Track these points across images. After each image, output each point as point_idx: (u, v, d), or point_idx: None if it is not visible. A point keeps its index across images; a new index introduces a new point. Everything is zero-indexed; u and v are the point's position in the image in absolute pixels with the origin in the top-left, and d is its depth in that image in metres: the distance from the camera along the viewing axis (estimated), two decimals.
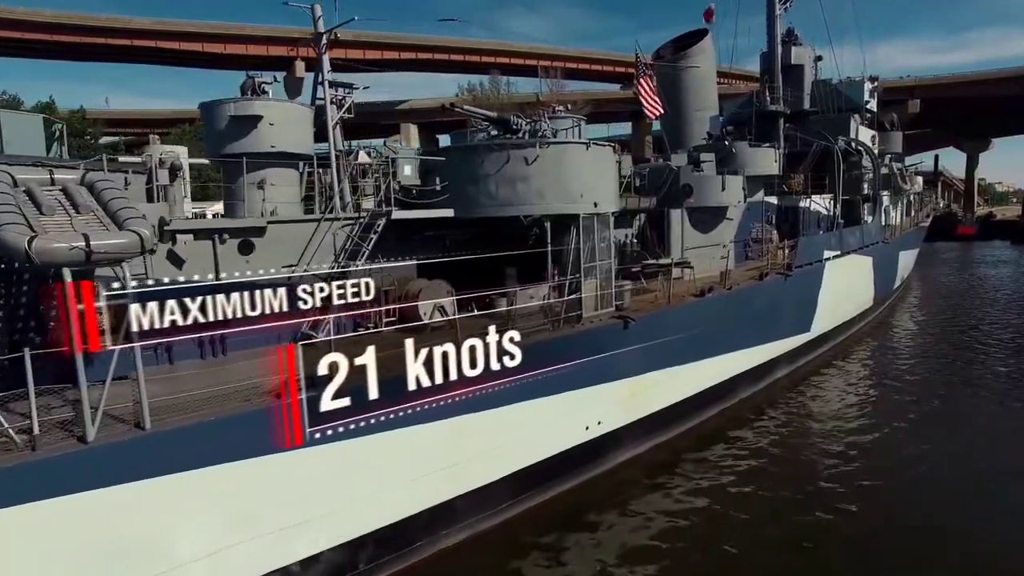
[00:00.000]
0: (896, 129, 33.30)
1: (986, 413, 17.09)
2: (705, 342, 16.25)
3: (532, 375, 11.54)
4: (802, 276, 21.03)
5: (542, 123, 13.89)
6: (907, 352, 24.19)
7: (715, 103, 25.11)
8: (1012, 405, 17.57)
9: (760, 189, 22.55)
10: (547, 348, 11.97)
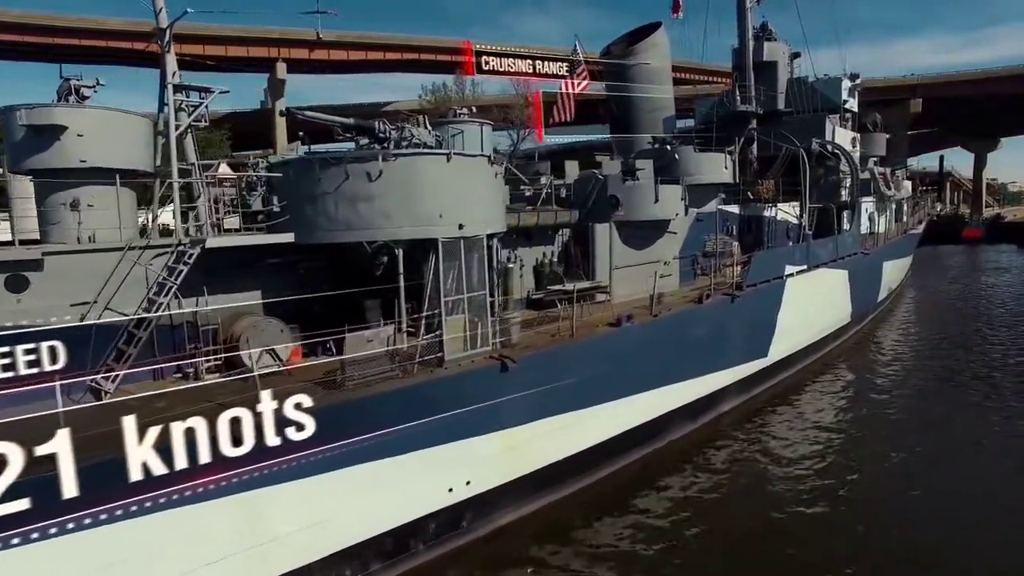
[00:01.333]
0: (880, 130, 30.79)
1: (972, 463, 14.68)
2: (620, 379, 14.03)
3: (359, 440, 9.48)
4: (756, 296, 18.72)
5: (408, 129, 11.75)
6: (885, 375, 21.73)
7: (670, 103, 22.88)
8: (1002, 453, 15.10)
9: (713, 198, 20.27)
10: (379, 403, 9.90)
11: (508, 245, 15.95)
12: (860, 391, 20.38)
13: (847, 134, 28.60)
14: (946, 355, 23.69)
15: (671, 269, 18.61)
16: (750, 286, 18.48)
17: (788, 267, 20.72)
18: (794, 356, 21.35)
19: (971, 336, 26.65)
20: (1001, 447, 15.46)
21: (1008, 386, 19.67)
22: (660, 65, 22.14)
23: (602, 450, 13.70)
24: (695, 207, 19.42)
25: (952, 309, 33.40)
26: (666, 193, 16.82)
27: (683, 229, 19.01)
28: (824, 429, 16.93)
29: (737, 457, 15.40)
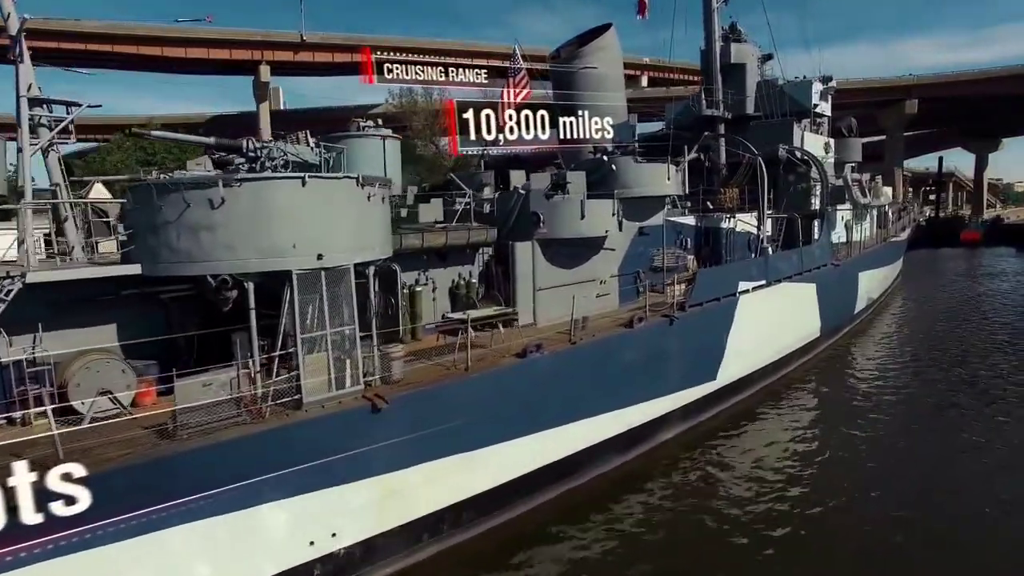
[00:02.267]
0: (855, 135, 29.45)
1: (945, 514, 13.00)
2: (527, 414, 12.89)
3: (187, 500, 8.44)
4: (701, 316, 17.53)
5: (275, 148, 10.69)
6: (854, 394, 20.41)
7: (622, 110, 21.72)
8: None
9: (659, 210, 19.08)
10: (216, 453, 8.86)
11: (419, 266, 14.90)
12: (824, 413, 19.11)
13: (819, 139, 27.33)
14: (924, 374, 22.34)
15: (609, 288, 17.48)
16: (694, 306, 17.31)
17: (742, 283, 19.51)
18: (750, 377, 20.12)
19: (953, 351, 25.29)
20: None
21: (983, 407, 18.45)
22: (609, 70, 20.98)
23: (505, 491, 12.58)
24: (636, 221, 18.25)
25: (938, 321, 31.89)
26: (594, 208, 15.66)
27: (622, 245, 17.85)
28: (778, 457, 15.73)
29: (676, 488, 14.25)
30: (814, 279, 23.94)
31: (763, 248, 21.00)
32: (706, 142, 23.52)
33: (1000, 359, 23.73)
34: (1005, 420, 17.54)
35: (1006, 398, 19.35)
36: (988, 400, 19.14)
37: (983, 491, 13.57)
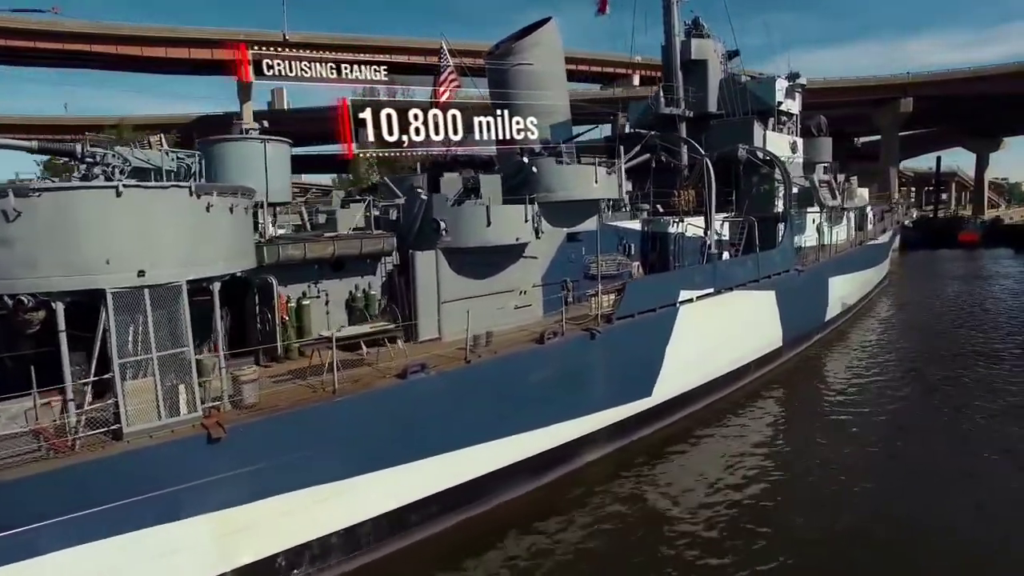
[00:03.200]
0: (825, 134, 28.19)
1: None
2: (408, 439, 11.87)
3: None
4: (630, 329, 16.43)
5: (112, 154, 9.74)
6: (815, 411, 19.24)
7: (563, 108, 20.64)
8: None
9: (592, 215, 17.98)
10: None
11: (309, 278, 13.95)
12: (779, 428, 18.01)
13: (783, 138, 26.13)
14: (894, 388, 21.05)
15: (531, 299, 16.43)
16: (623, 318, 16.22)
17: (684, 292, 18.37)
18: (695, 392, 18.96)
19: (931, 360, 24.05)
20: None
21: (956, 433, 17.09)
22: (548, 66, 19.90)
23: (381, 524, 11.57)
24: (564, 226, 17.19)
25: (920, 328, 30.60)
26: (504, 214, 14.62)
27: (547, 252, 16.82)
28: (720, 476, 14.66)
29: (594, 515, 13.13)
30: (773, 286, 22.75)
31: (711, 254, 19.82)
32: (651, 142, 22.38)
33: (981, 371, 22.32)
34: (977, 445, 16.24)
35: (977, 414, 18.00)
36: (961, 420, 17.67)
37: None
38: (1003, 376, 21.28)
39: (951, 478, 14.19)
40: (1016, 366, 22.17)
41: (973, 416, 17.86)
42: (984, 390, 19.91)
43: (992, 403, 18.72)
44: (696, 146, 19.92)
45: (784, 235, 24.33)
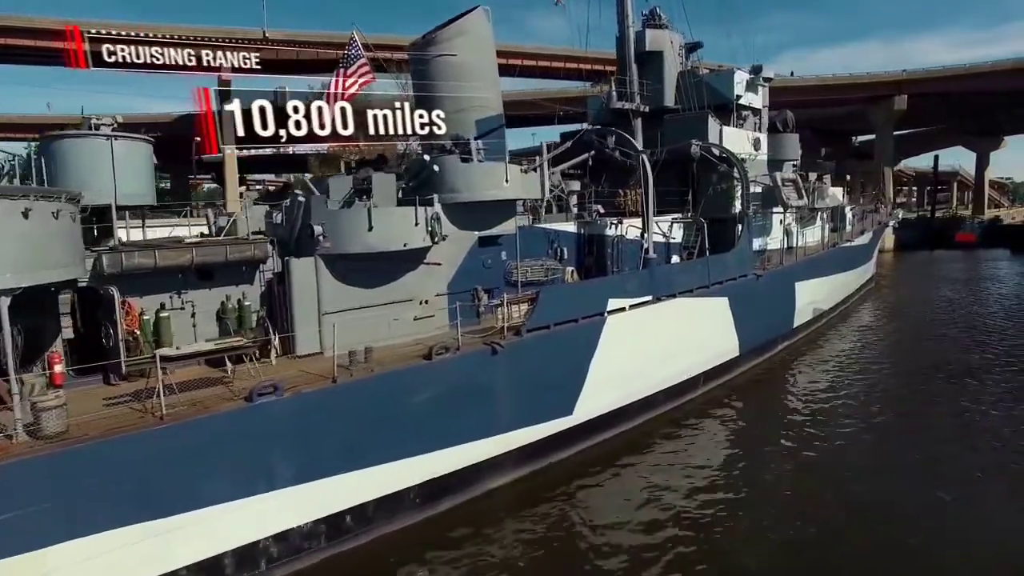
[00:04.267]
0: (792, 130, 26.60)
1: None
2: (257, 469, 10.54)
3: None
4: (547, 342, 15.02)
5: None
6: (771, 426, 17.78)
7: (493, 103, 19.21)
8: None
9: (510, 216, 16.54)
10: None
11: (169, 287, 12.60)
12: (725, 446, 16.51)
13: (742, 134, 24.57)
14: (865, 400, 19.59)
15: (434, 309, 15.04)
16: (535, 330, 14.79)
17: (615, 300, 16.90)
18: (629, 408, 17.49)
19: (909, 371, 22.50)
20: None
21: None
22: (474, 58, 18.47)
23: (217, 564, 10.21)
24: (475, 229, 15.77)
25: (900, 334, 29.05)
26: (388, 218, 13.23)
27: (453, 257, 15.41)
28: (649, 500, 13.30)
29: (491, 549, 11.75)
30: (726, 292, 21.23)
31: (648, 259, 18.31)
32: (586, 137, 20.91)
33: (961, 389, 20.62)
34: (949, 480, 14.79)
35: (949, 443, 16.29)
36: (932, 448, 15.89)
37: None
38: (982, 397, 19.42)
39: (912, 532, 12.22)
40: (997, 386, 20.23)
41: (945, 445, 16.05)
42: (960, 414, 18.04)
43: (965, 431, 16.85)
44: (631, 141, 18.42)
45: (741, 237, 22.81)
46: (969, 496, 13.17)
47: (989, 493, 13.33)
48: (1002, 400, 18.76)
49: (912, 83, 65.59)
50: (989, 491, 13.42)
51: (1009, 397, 18.97)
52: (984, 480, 13.93)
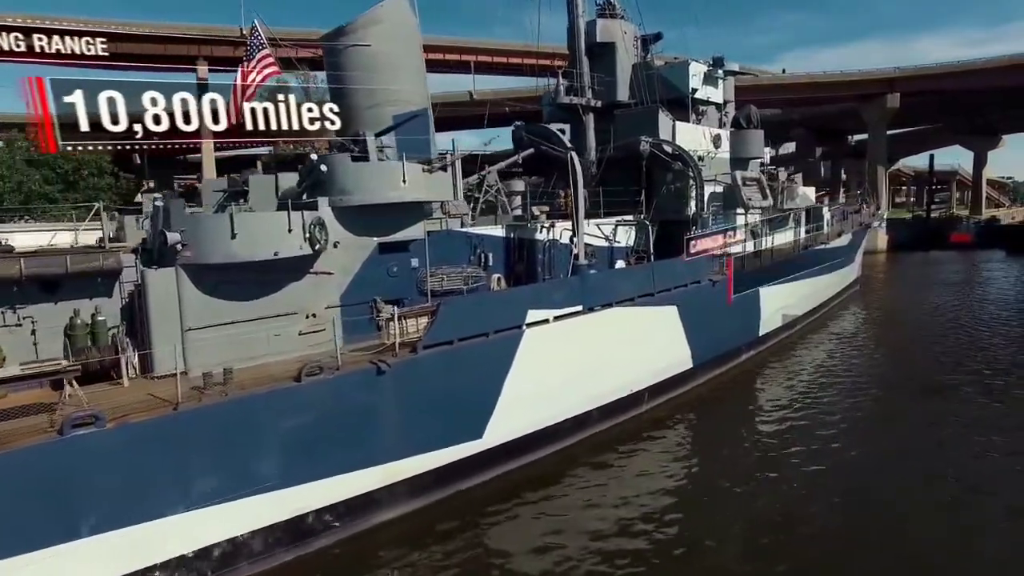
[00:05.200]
0: (756, 126, 25.04)
1: None
2: (70, 512, 9.20)
3: None
4: (451, 359, 13.61)
5: None
6: (720, 449, 16.38)
7: (416, 97, 17.74)
8: None
9: (418, 221, 15.11)
10: None
11: (2, 302, 11.28)
12: (664, 476, 14.86)
13: (699, 130, 23.04)
14: (837, 415, 18.11)
15: (324, 323, 13.64)
16: (434, 346, 13.38)
17: (536, 311, 15.45)
18: (553, 430, 16.04)
19: (887, 382, 21.06)
20: None
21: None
22: (390, 48, 17.04)
23: None
24: (375, 235, 14.36)
25: (879, 343, 27.50)
26: (253, 224, 11.85)
27: (348, 266, 14.01)
28: (564, 540, 11.83)
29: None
30: (675, 300, 19.75)
31: (578, 265, 16.84)
32: (517, 134, 19.46)
33: (941, 405, 19.13)
34: None
35: (918, 468, 14.77)
36: (902, 482, 14.15)
37: None
38: (961, 418, 17.81)
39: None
40: (971, 409, 18.44)
41: (915, 478, 14.45)
42: (938, 438, 16.41)
43: (942, 459, 15.19)
44: (560, 137, 16.94)
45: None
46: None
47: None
48: (977, 428, 16.85)
49: (904, 81, 63.79)
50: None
51: (984, 425, 17.01)
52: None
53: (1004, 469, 14.35)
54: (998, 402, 18.76)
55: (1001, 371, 21.82)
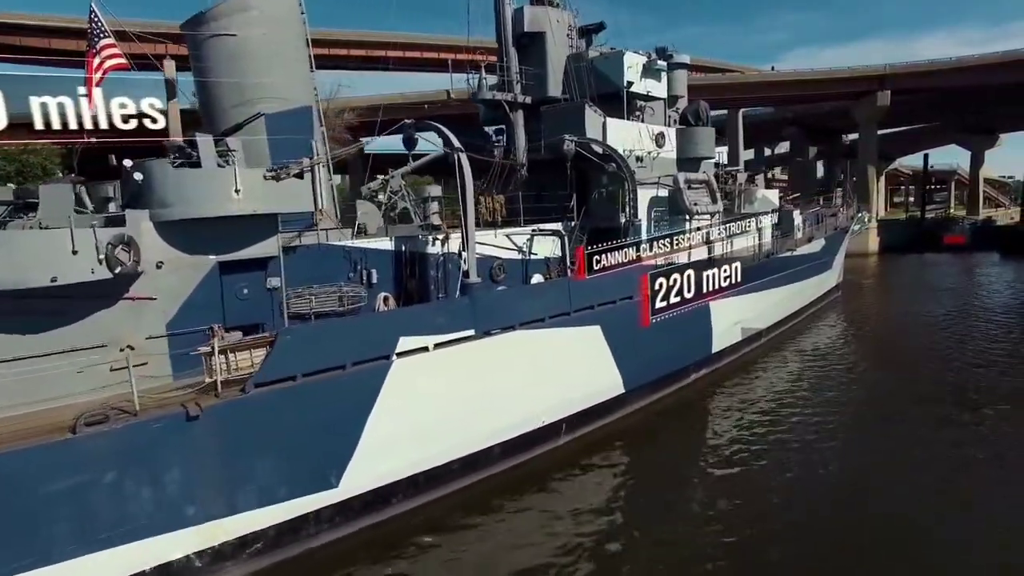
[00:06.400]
0: (706, 124, 22.85)
1: None
2: None
3: None
4: (291, 398, 11.58)
5: None
6: (649, 496, 14.32)
7: (297, 94, 15.69)
8: None
9: (271, 235, 13.07)
10: None
11: None
12: (567, 530, 12.69)
13: (636, 127, 20.87)
14: (795, 448, 16.10)
15: (146, 356, 11.61)
16: (270, 384, 11.36)
17: (412, 338, 13.38)
18: (443, 470, 13.99)
19: (859, 414, 18.68)
20: None
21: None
22: (261, 37, 15.02)
23: None
24: (213, 252, 12.33)
25: (856, 357, 25.26)
26: (24, 243, 9.86)
27: (179, 289, 11.99)
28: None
29: None
30: (600, 318, 17.65)
31: (467, 283, 14.72)
32: (407, 134, 17.36)
33: (900, 437, 17.10)
34: None
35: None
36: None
37: None
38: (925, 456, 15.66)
39: None
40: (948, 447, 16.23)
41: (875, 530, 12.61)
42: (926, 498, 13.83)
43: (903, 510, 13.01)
44: (447, 135, 14.86)
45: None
46: None
47: None
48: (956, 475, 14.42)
49: (895, 78, 61.32)
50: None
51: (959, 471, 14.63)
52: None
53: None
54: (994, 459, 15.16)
55: (1001, 398, 19.36)
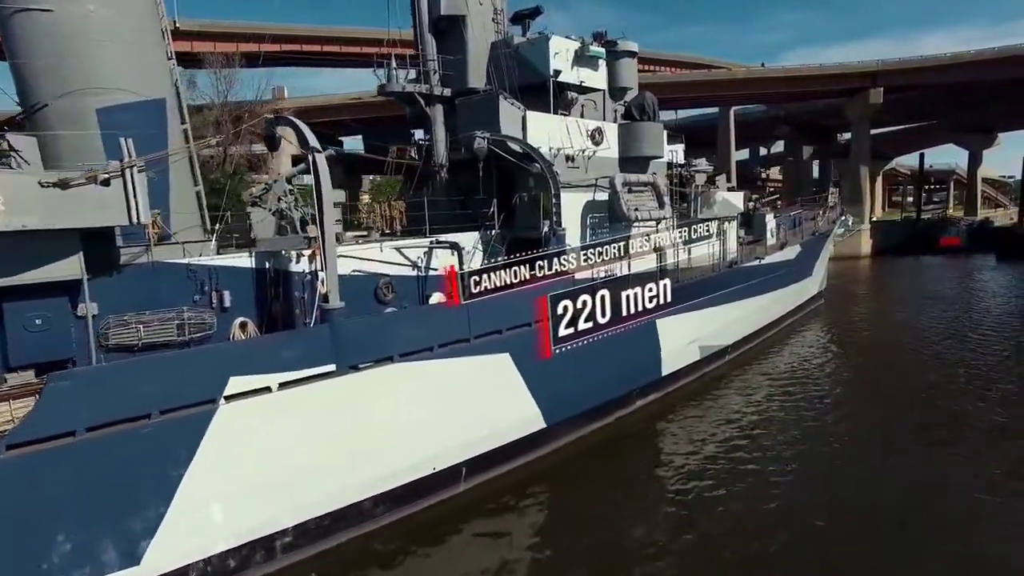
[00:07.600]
0: (654, 119, 20.35)
1: None
2: None
3: None
4: (70, 456, 9.26)
5: None
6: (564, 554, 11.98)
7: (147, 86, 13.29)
8: None
9: (63, 256, 10.67)
10: None
11: None
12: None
13: (564, 122, 18.39)
14: (752, 496, 13.78)
15: None
16: (40, 442, 9.00)
17: (246, 377, 10.96)
18: (286, 534, 11.57)
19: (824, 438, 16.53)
20: None
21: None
22: (91, 17, 12.63)
23: None
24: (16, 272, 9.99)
25: (830, 379, 22.72)
26: None
27: None
28: None
29: None
30: (508, 344, 15.21)
31: (328, 309, 12.26)
32: (267, 131, 14.91)
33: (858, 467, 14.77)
34: None
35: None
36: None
37: None
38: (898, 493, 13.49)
39: None
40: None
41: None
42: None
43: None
44: (305, 134, 12.44)
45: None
46: None
47: None
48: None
49: (888, 75, 58.66)
50: None
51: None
52: None
53: None
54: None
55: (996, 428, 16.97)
